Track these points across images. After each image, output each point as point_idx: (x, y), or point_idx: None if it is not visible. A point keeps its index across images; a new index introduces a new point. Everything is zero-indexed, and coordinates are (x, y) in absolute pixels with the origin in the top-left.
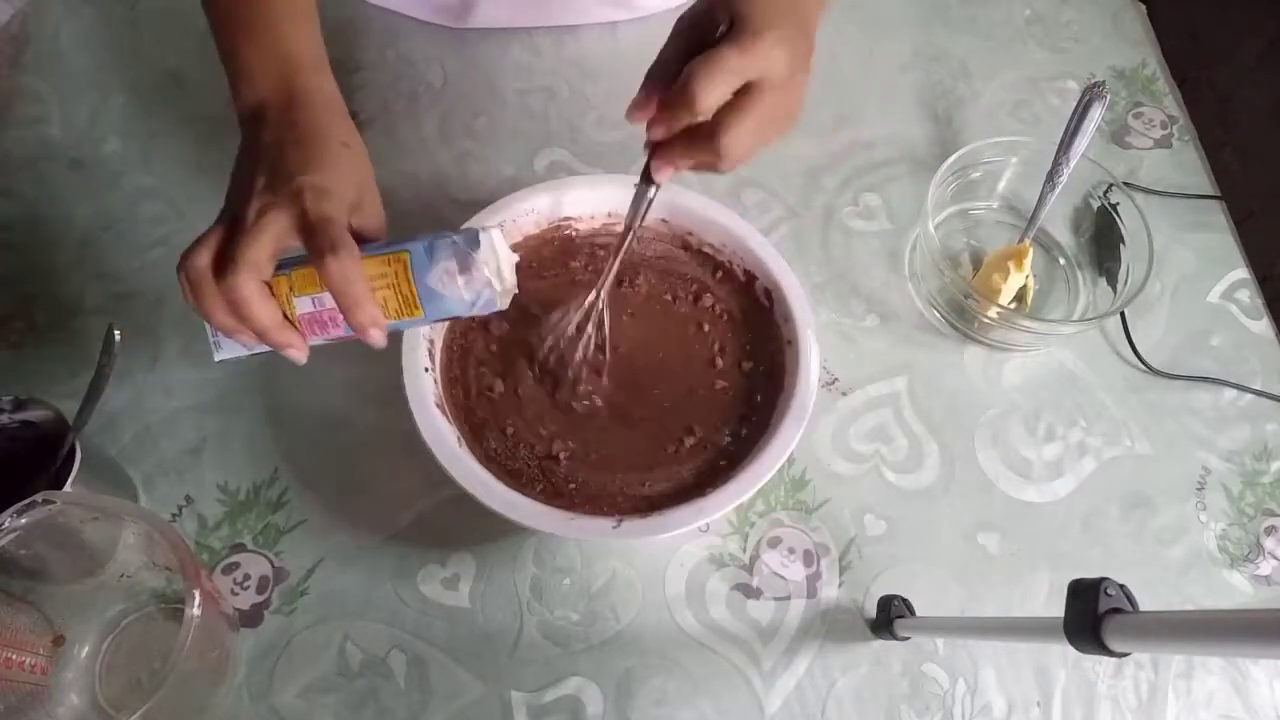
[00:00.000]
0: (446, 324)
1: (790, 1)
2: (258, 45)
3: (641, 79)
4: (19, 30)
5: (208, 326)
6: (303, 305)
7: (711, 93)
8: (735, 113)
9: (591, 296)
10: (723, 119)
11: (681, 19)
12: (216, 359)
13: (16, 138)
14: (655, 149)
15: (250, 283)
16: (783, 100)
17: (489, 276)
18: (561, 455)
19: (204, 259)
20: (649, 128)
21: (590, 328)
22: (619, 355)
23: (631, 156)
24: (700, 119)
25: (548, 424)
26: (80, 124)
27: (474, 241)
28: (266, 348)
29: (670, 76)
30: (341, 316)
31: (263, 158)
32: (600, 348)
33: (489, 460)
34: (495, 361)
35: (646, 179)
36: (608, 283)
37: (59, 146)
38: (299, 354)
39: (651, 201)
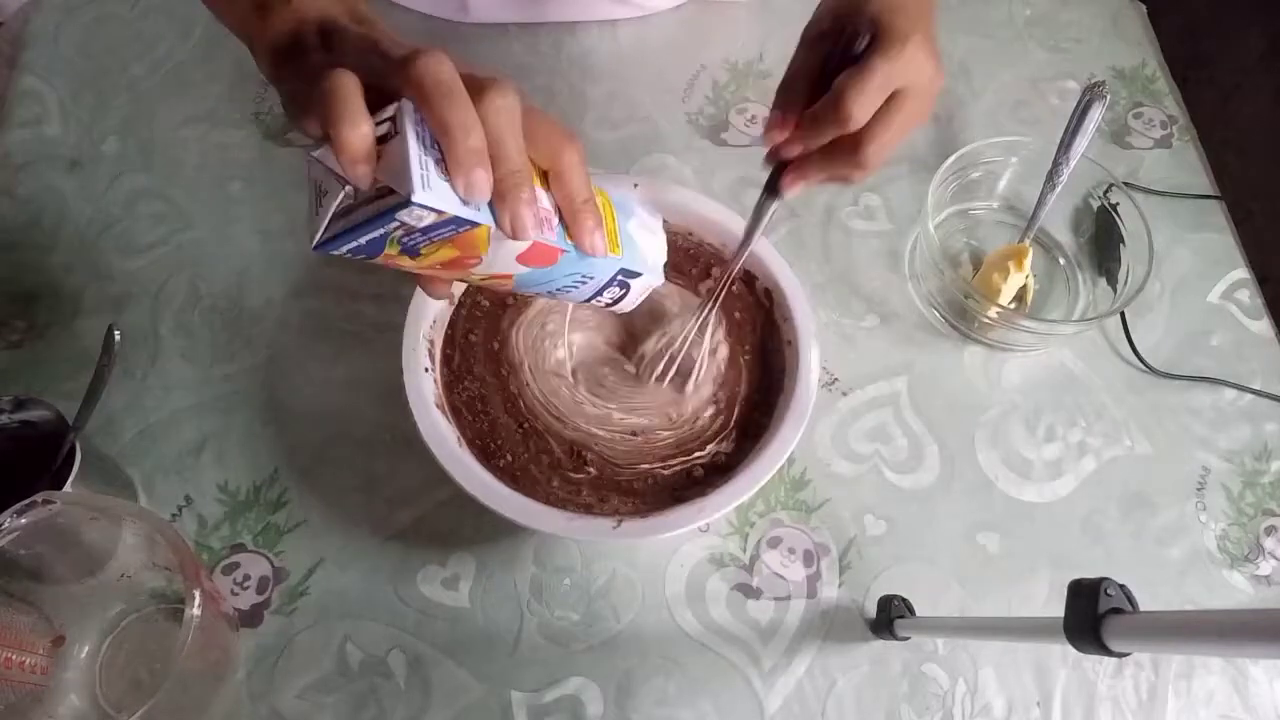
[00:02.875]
0: (447, 322)
1: (919, 5)
2: None
3: (641, 79)
4: (19, 30)
5: (412, 152)
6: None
7: (866, 108)
8: (881, 123)
9: (709, 305)
10: (868, 130)
11: (808, 33)
12: (416, 196)
13: (16, 138)
14: (788, 163)
15: (446, 62)
16: (924, 103)
17: (664, 248)
18: (562, 455)
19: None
20: (784, 146)
21: (698, 338)
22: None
23: (632, 156)
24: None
25: (548, 424)
26: (80, 124)
27: (652, 205)
28: (472, 210)
29: (806, 92)
30: (549, 223)
31: (357, 47)
32: (711, 352)
33: (489, 460)
34: (496, 360)
35: (771, 192)
36: (723, 293)
37: (59, 146)
38: (530, 220)
39: (773, 214)
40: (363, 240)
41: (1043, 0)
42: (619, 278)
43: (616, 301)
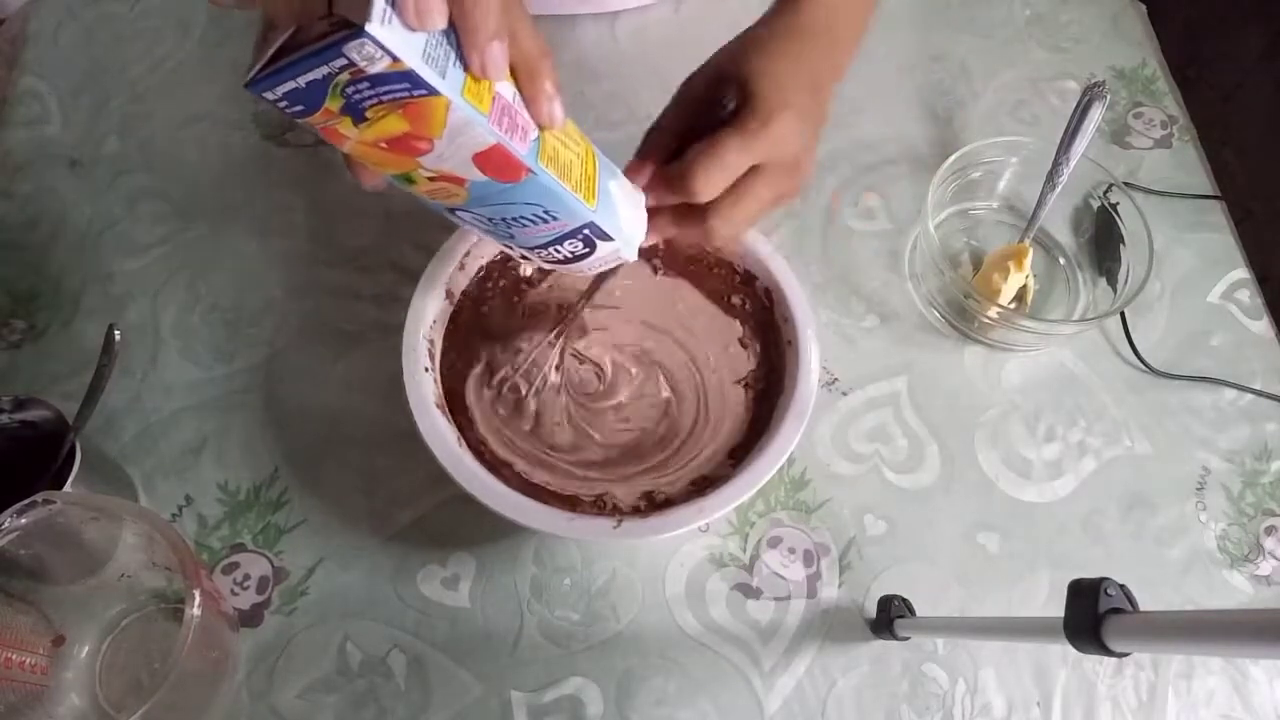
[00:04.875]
0: (447, 322)
1: (804, 71)
2: None
3: (641, 78)
4: (19, 30)
5: None
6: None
7: (711, 185)
8: (731, 199)
9: (551, 337)
10: (716, 205)
11: (688, 84)
12: (370, 27)
13: (16, 138)
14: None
15: None
16: (786, 181)
17: (644, 224)
18: (562, 455)
19: None
20: (645, 191)
21: (554, 364)
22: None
23: (631, 156)
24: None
25: (548, 423)
26: (80, 124)
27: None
28: (433, 69)
29: (668, 146)
30: (524, 133)
31: None
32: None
33: (489, 460)
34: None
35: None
36: (568, 326)
37: (59, 146)
38: (502, 59)
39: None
40: (301, 81)
41: (1043, 0)
42: (585, 232)
43: (576, 259)
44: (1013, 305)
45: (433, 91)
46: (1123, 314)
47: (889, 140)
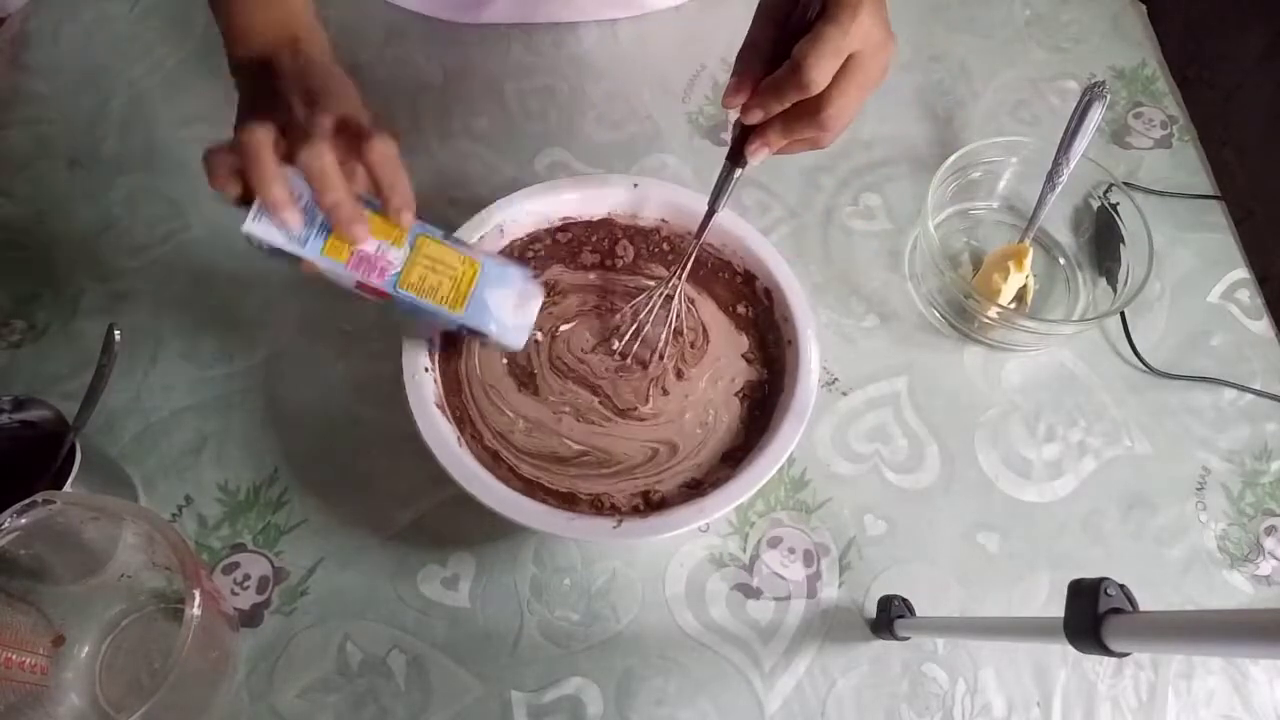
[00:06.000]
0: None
1: None
2: (262, 6)
3: (641, 78)
4: (19, 30)
5: (255, 201)
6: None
7: (825, 72)
8: (839, 87)
9: (666, 286)
10: (828, 94)
11: (764, 3)
12: (246, 229)
13: (16, 138)
14: (751, 131)
15: (329, 153)
16: (877, 65)
17: (532, 320)
18: (562, 455)
19: (265, 133)
20: (745, 111)
21: (662, 312)
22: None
23: (632, 156)
24: (808, 96)
25: (545, 425)
26: (80, 124)
27: (537, 286)
28: (295, 244)
29: (762, 60)
30: (382, 271)
31: (288, 86)
32: (677, 332)
33: (495, 460)
34: (493, 361)
35: (735, 160)
36: (687, 268)
37: (59, 146)
38: (360, 231)
39: (736, 182)
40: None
41: (1043, 0)
42: (464, 329)
43: (483, 340)
44: (1013, 305)
45: (299, 256)
46: (1123, 314)
47: (889, 140)
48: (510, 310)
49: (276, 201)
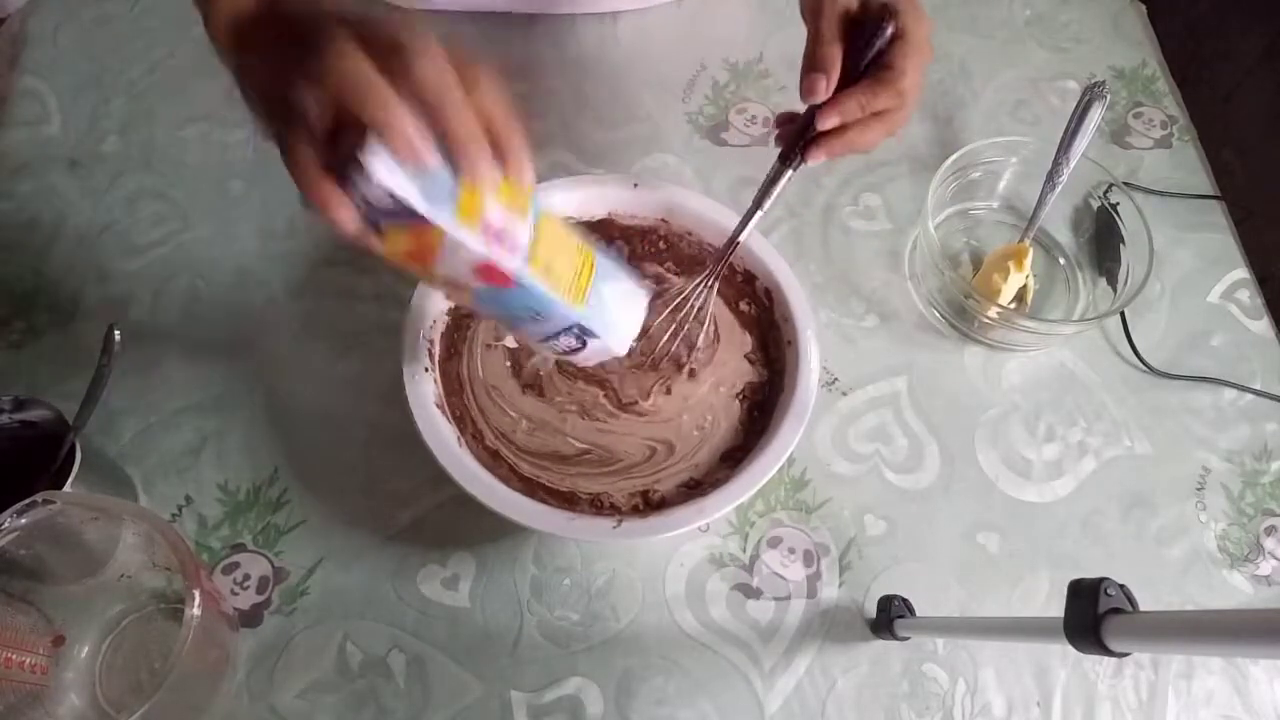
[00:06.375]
0: (447, 322)
1: None
2: None
3: (641, 78)
4: (19, 30)
5: (368, 144)
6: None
7: (917, 75)
8: (914, 79)
9: (702, 283)
10: (906, 92)
11: (833, 10)
12: (365, 157)
13: (16, 138)
14: (817, 135)
15: (449, 68)
16: (930, 50)
17: (639, 322)
18: (564, 454)
19: (358, 57)
20: (823, 115)
21: (691, 316)
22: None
23: (631, 157)
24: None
25: (549, 424)
26: (80, 124)
27: (642, 284)
28: (426, 212)
29: (840, 63)
30: (512, 247)
31: (278, 50)
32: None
33: (496, 459)
34: (496, 362)
35: (786, 162)
36: (721, 269)
37: (59, 146)
38: (497, 176)
39: (787, 183)
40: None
41: (1043, 0)
42: (575, 330)
43: (572, 352)
44: (1013, 305)
45: (424, 220)
46: (1123, 314)
47: (889, 140)
48: (622, 310)
49: (404, 133)
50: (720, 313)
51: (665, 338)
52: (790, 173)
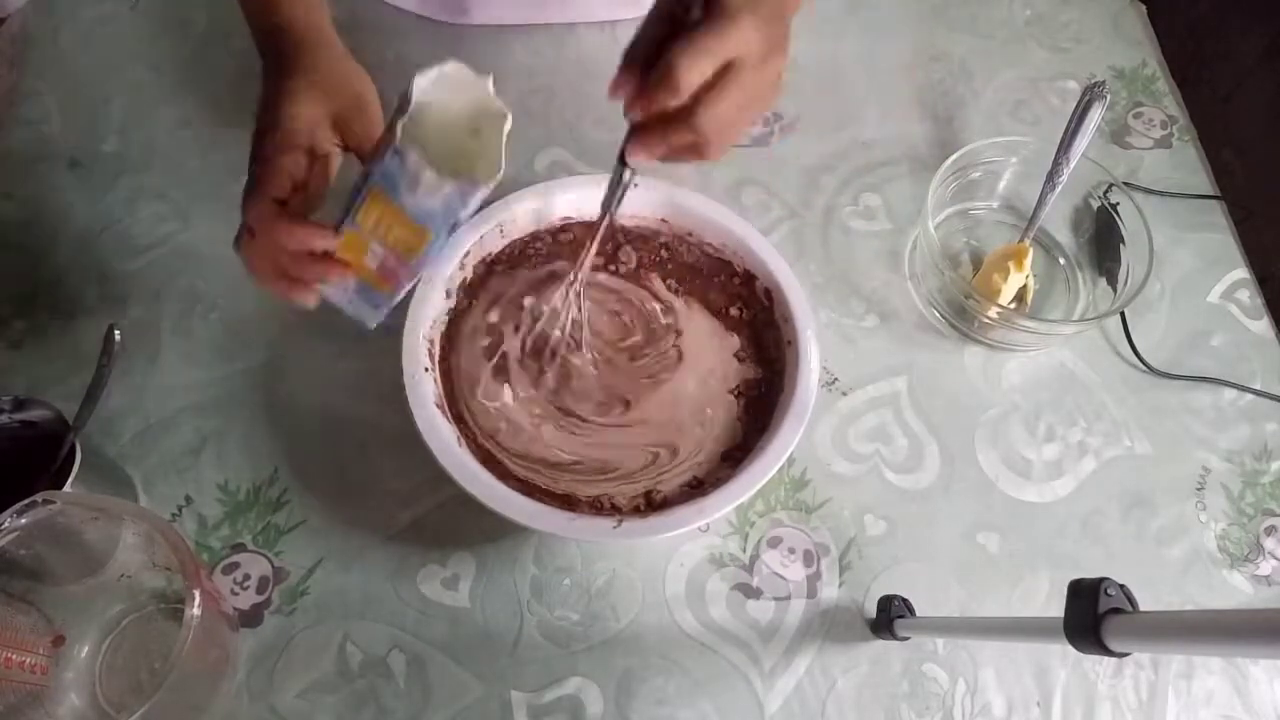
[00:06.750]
0: (447, 321)
1: None
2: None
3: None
4: (19, 30)
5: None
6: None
7: (693, 74)
8: (712, 91)
9: (570, 278)
10: (701, 96)
11: (659, 2)
12: (372, 325)
13: (16, 138)
14: (633, 131)
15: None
16: (758, 81)
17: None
18: (553, 461)
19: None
20: (628, 108)
21: (567, 308)
22: (624, 356)
23: None
24: (681, 102)
25: (548, 423)
26: (80, 124)
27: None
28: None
29: (650, 58)
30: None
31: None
32: (576, 326)
33: (489, 460)
34: (495, 361)
35: (622, 161)
36: (585, 266)
37: (59, 146)
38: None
39: (628, 186)
40: None
41: (1043, 0)
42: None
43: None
44: (1013, 305)
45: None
46: (1123, 314)
47: (889, 140)
48: (428, 178)
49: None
50: (701, 318)
51: (528, 330)
52: (628, 173)
